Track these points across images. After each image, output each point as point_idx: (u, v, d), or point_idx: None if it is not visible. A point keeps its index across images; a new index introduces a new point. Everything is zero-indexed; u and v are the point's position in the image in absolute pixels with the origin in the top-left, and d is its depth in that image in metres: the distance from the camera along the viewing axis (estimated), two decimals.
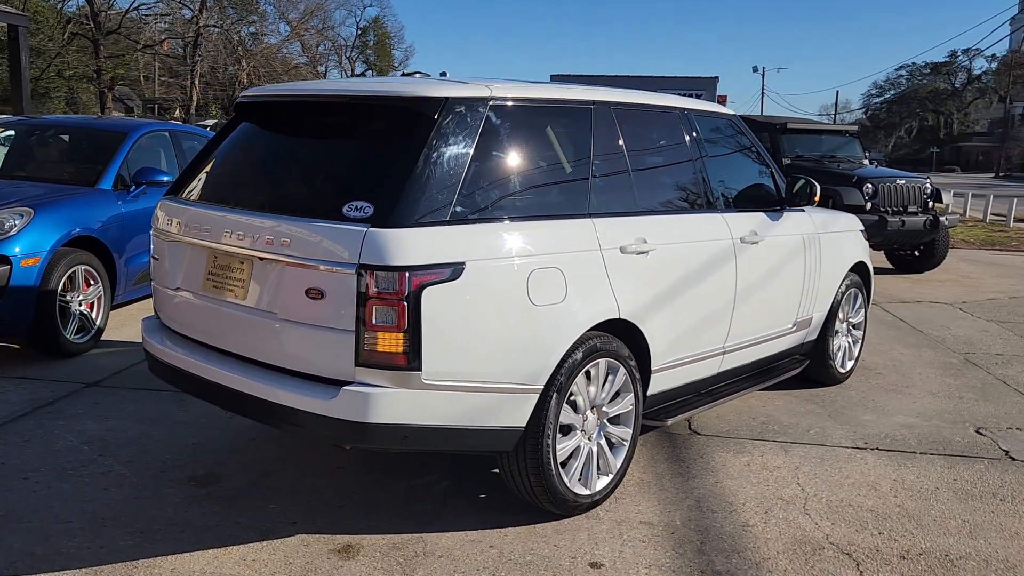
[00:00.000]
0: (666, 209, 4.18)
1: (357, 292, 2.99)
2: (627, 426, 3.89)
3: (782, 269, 4.93)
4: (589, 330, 3.56)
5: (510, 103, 3.50)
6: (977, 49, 73.90)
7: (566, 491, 3.59)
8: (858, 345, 6.10)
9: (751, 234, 4.60)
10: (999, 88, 71.29)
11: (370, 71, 71.02)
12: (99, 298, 6.17)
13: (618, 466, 3.86)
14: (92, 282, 6.12)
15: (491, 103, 3.41)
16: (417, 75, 3.94)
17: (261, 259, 3.27)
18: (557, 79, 40.44)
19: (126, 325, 6.80)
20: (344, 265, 3.01)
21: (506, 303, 3.28)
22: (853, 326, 5.98)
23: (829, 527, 3.71)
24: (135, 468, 4.09)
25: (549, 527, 3.62)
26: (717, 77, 39.54)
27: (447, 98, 3.29)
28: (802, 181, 5.00)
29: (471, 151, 3.28)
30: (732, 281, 4.46)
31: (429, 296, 3.03)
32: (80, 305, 6.00)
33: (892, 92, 76.22)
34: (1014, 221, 18.45)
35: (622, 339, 3.77)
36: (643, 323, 3.85)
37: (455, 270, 3.09)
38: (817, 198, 4.94)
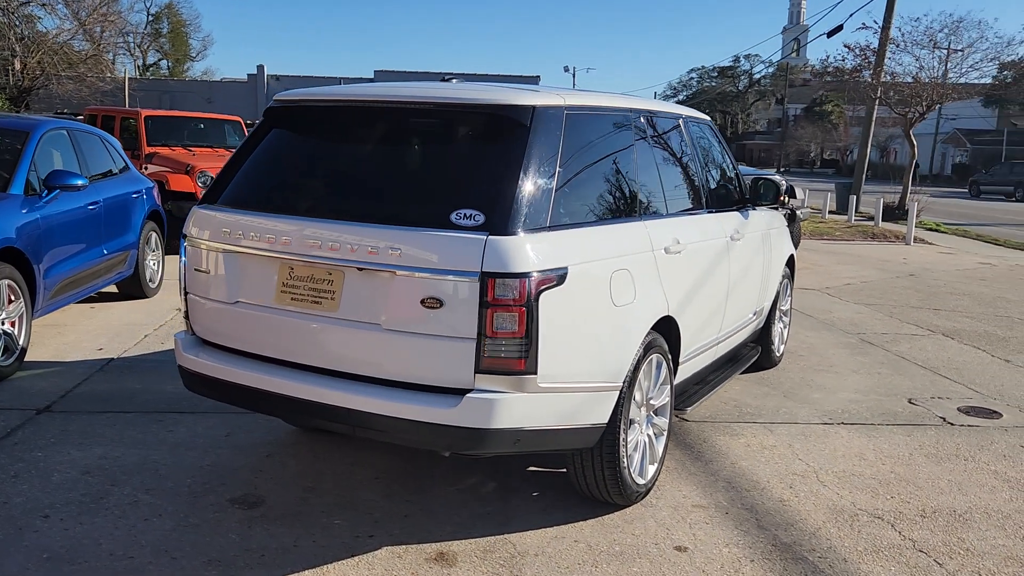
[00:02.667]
0: (683, 210, 4.44)
1: (479, 300, 3.01)
2: (665, 416, 4.12)
3: (751, 264, 5.34)
4: (651, 328, 3.75)
5: (578, 111, 3.61)
6: (756, 55, 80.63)
7: (631, 481, 3.76)
8: (787, 330, 6.68)
9: (735, 232, 4.96)
10: (776, 91, 78.29)
11: (164, 60, 66.76)
12: (21, 316, 5.59)
13: (660, 454, 4.07)
14: (13, 297, 5.53)
15: (566, 111, 3.50)
16: (454, 80, 3.93)
17: (360, 269, 3.19)
18: (381, 75, 40.02)
19: (36, 345, 6.18)
20: (465, 274, 3.01)
21: (597, 305, 3.40)
22: (783, 313, 6.54)
23: (850, 496, 4.12)
24: (161, 495, 3.82)
25: (616, 517, 3.77)
26: (539, 76, 40.71)
27: (535, 107, 3.35)
28: (764, 182, 5.42)
29: (558, 158, 3.36)
30: (727, 276, 4.80)
31: (544, 301, 3.09)
32: (3, 324, 5.42)
33: (684, 93, 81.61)
34: (828, 213, 20.53)
35: (662, 335, 3.99)
36: (679, 319, 4.08)
37: (561, 275, 3.18)
38: (783, 197, 5.38)
